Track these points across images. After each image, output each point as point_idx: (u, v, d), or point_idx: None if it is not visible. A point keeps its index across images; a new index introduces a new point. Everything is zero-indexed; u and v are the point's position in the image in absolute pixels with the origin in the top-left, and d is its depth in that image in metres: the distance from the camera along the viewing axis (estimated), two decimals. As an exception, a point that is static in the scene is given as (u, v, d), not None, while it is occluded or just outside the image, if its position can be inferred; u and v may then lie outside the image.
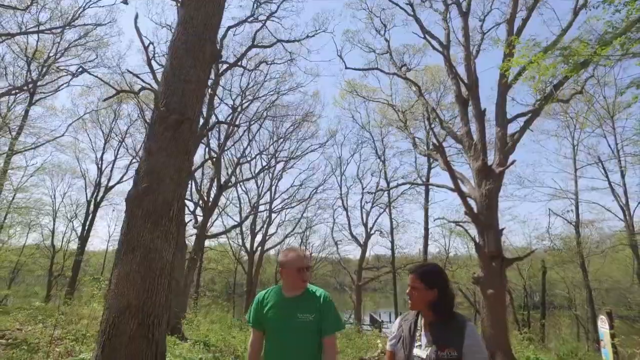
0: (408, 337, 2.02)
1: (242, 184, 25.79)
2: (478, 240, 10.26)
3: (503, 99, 11.05)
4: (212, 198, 18.31)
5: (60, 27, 18.59)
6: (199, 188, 18.73)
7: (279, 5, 14.36)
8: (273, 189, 27.18)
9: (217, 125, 16.99)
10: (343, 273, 30.49)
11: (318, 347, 2.17)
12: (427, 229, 25.72)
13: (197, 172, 19.43)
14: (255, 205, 26.12)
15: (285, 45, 15.34)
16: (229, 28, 13.84)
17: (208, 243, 26.62)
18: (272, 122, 24.22)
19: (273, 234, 28.84)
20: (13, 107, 20.87)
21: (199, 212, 18.58)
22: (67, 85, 21.57)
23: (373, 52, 16.41)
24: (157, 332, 3.61)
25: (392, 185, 25.85)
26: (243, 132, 21.57)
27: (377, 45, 23.94)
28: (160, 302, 3.71)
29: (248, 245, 27.04)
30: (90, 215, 26.07)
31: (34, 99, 20.65)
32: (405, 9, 13.17)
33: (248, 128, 21.55)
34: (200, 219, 16.62)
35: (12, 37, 17.97)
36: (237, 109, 18.45)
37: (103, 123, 26.45)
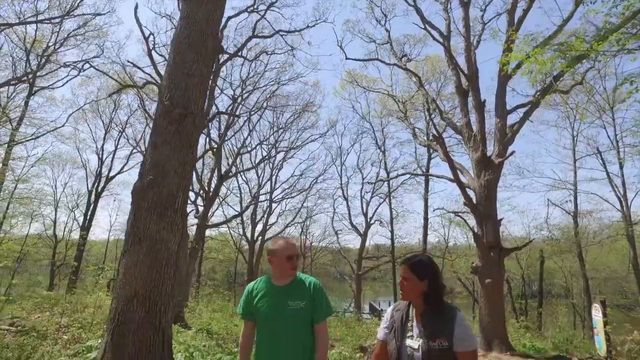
0: (400, 327, 2.05)
1: (242, 174, 25.90)
2: (477, 231, 10.38)
3: (503, 90, 11.09)
4: (212, 188, 18.43)
5: (59, 16, 18.47)
6: (200, 178, 18.80)
7: (280, -5, 14.31)
8: (273, 179, 27.34)
9: (217, 116, 17.02)
10: (343, 262, 30.75)
11: (306, 333, 2.21)
12: (426, 219, 25.90)
13: (198, 162, 19.48)
14: (256, 195, 26.25)
15: (286, 36, 15.29)
16: (229, 18, 13.81)
17: (209, 232, 26.81)
18: (272, 112, 24.25)
19: (274, 224, 29.05)
20: (13, 97, 20.85)
21: (200, 202, 18.71)
22: (73, 77, 21.52)
23: (373, 42, 16.38)
24: (163, 319, 3.75)
25: (392, 176, 25.94)
26: (243, 122, 21.61)
27: (377, 36, 23.89)
28: (167, 291, 3.84)
29: (249, 235, 27.23)
30: (92, 206, 26.23)
31: (34, 90, 20.60)
32: (407, -1, 13.11)
33: (248, 118, 21.58)
34: (201, 209, 16.74)
35: (10, 27, 17.87)
36: (237, 99, 18.46)
37: (103, 113, 26.48)
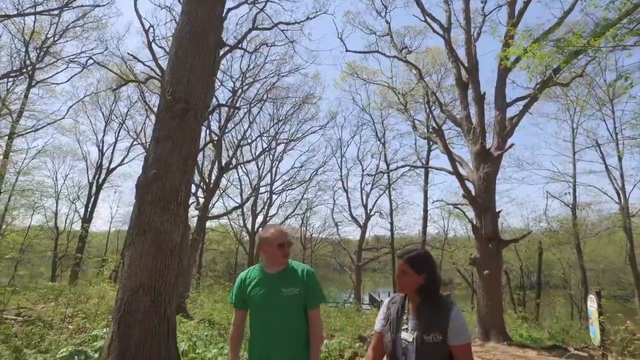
0: (395, 320, 2.07)
1: (242, 166, 25.95)
2: (475, 222, 10.47)
3: (503, 83, 11.10)
4: (213, 180, 18.50)
5: (58, 8, 18.36)
6: (201, 170, 18.85)
7: (280, -13, 14.23)
8: (274, 171, 27.41)
9: (217, 108, 17.02)
10: (343, 253, 30.95)
11: (300, 319, 2.24)
12: (426, 211, 26.03)
13: (198, 154, 19.50)
14: (256, 187, 26.33)
15: (287, 31, 15.24)
16: (229, 10, 13.74)
17: (209, 224, 26.95)
18: (272, 104, 24.22)
19: (274, 215, 29.18)
20: (12, 89, 20.82)
21: (200, 193, 18.78)
22: (77, 74, 21.48)
23: (374, 34, 16.35)
24: (168, 309, 3.85)
25: (391, 168, 26.00)
26: (244, 114, 21.59)
27: (377, 27, 23.78)
28: (171, 281, 3.94)
29: (249, 227, 27.37)
30: (93, 197, 26.33)
31: (35, 82, 20.57)
32: (407, -10, 13.07)
33: (248, 110, 21.56)
34: (202, 201, 16.83)
35: (8, 18, 17.78)
36: (237, 92, 18.44)
37: (103, 105, 26.48)
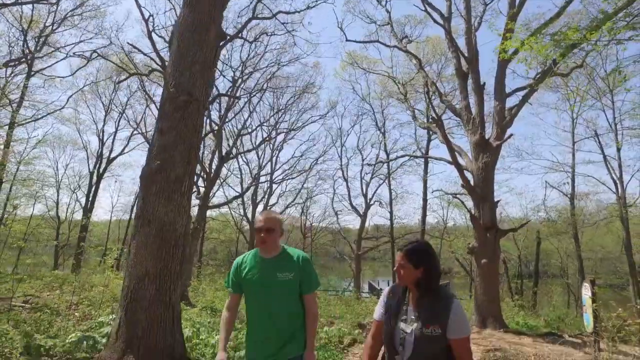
0: (395, 309, 2.06)
1: (243, 155, 26.01)
2: (474, 212, 10.59)
3: (502, 73, 11.12)
4: (213, 169, 18.59)
5: (56, -5, 18.24)
6: (201, 159, 18.94)
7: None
8: (274, 160, 27.49)
9: (218, 98, 17.03)
10: (343, 242, 31.17)
11: (295, 304, 2.29)
12: (425, 200, 26.17)
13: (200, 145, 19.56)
14: (257, 176, 26.43)
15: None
16: (229, -1, 13.68)
17: (210, 213, 27.06)
18: (272, 93, 24.20)
19: (274, 205, 29.31)
20: (11, 79, 20.76)
21: (201, 183, 18.88)
22: (82, 67, 21.39)
23: (374, 23, 16.27)
24: (173, 296, 3.97)
25: (391, 157, 26.07)
26: (244, 104, 21.59)
27: (378, 17, 23.54)
28: (175, 269, 4.06)
29: (249, 216, 27.52)
30: (94, 187, 26.43)
31: (35, 72, 20.52)
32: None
33: (249, 100, 21.56)
34: (203, 190, 16.93)
35: (5, 7, 17.67)
36: (237, 81, 18.43)
37: (103, 95, 26.42)
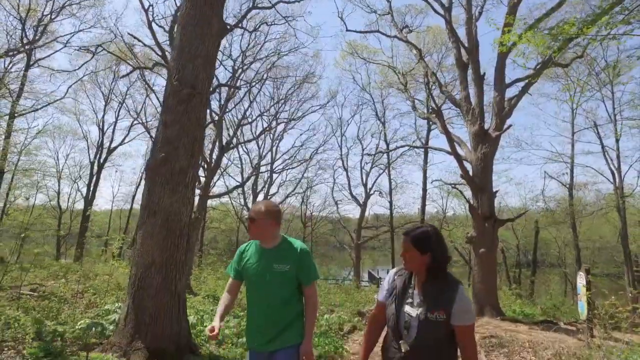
0: (400, 292, 2.04)
1: (243, 145, 26.03)
2: (472, 202, 10.70)
3: (502, 64, 11.13)
4: (214, 159, 18.66)
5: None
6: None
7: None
8: (274, 150, 27.52)
9: (218, 88, 17.03)
10: (343, 232, 31.36)
11: (292, 294, 2.34)
12: (425, 190, 26.32)
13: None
14: (257, 166, 26.49)
15: (287, 6, 15.08)
16: (229, -12, 13.61)
17: (210, 203, 27.19)
18: (272, 83, 24.15)
19: (274, 194, 29.44)
20: (10, 68, 20.70)
21: (201, 172, 18.96)
22: (87, 61, 21.31)
23: (374, 12, 16.15)
24: (179, 285, 4.10)
25: (391, 147, 26.12)
26: (244, 94, 21.58)
27: (378, 6, 23.47)
28: (181, 259, 4.18)
29: (250, 205, 27.65)
30: (94, 177, 26.52)
31: (36, 61, 20.46)
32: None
33: (249, 90, 21.53)
34: (203, 180, 17.02)
35: (3, -4, 17.55)
36: (237, 71, 18.40)
37: (102, 84, 26.34)
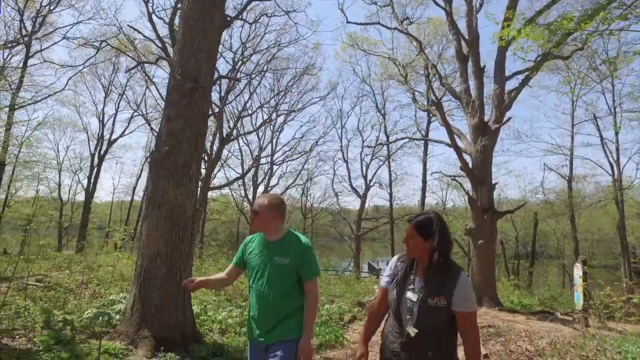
0: (402, 278, 2.05)
1: (243, 137, 26.08)
2: (472, 194, 10.79)
3: (503, 56, 11.14)
4: (214, 151, 18.75)
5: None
6: (202, 142, 19.03)
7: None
8: (274, 142, 27.56)
9: (218, 80, 17.05)
10: (343, 223, 31.52)
11: (293, 288, 2.36)
12: (425, 182, 26.45)
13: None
14: (257, 158, 26.55)
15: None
16: (229, -21, 13.57)
17: (210, 194, 27.30)
18: (272, 75, 24.13)
19: (275, 186, 29.53)
20: (9, 59, 20.65)
21: (202, 164, 19.04)
22: (93, 56, 21.18)
23: (375, 4, 16.06)
24: (184, 275, 4.20)
25: (391, 139, 26.17)
26: (244, 85, 21.60)
27: (379, -3, 23.19)
28: (185, 250, 4.28)
29: (250, 197, 27.77)
30: (95, 169, 26.59)
31: (31, 52, 20.37)
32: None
33: (249, 81, 21.54)
34: (204, 172, 17.11)
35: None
36: (237, 63, 18.39)
37: (102, 76, 26.29)
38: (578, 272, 6.74)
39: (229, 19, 13.92)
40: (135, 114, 26.08)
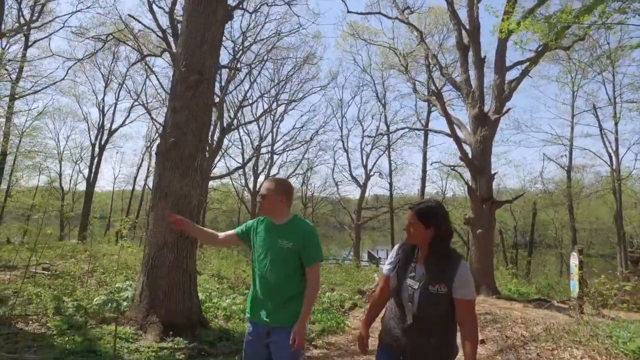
0: (403, 266, 2.07)
1: (244, 127, 26.10)
2: (471, 184, 10.90)
3: (503, 47, 11.15)
4: (215, 141, 18.79)
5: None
6: (203, 132, 19.06)
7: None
8: (275, 131, 27.59)
9: (219, 70, 17.01)
10: (343, 212, 31.71)
11: (295, 272, 2.38)
12: (424, 171, 26.57)
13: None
14: (258, 147, 26.61)
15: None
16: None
17: (211, 184, 27.39)
18: (273, 64, 24.07)
19: (275, 175, 29.60)
20: (7, 48, 20.56)
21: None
22: (99, 49, 21.09)
23: (376, -8, 16.02)
24: (190, 263, 4.33)
25: (392, 129, 26.23)
26: (244, 75, 21.55)
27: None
28: (191, 239, 4.39)
29: (251, 186, 27.88)
30: (96, 159, 26.65)
31: (30, 42, 20.32)
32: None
33: (249, 71, 21.50)
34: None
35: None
36: (238, 53, 18.35)
37: (102, 65, 26.20)
38: (574, 261, 6.87)
39: (231, 8, 13.88)
40: (136, 104, 26.09)
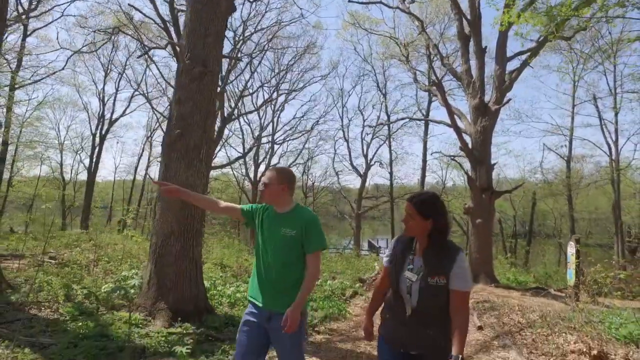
0: (401, 258, 2.08)
1: (244, 116, 26.07)
2: (471, 174, 10.99)
3: (504, 37, 11.16)
4: (216, 130, 18.80)
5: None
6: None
7: None
8: (275, 121, 27.56)
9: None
10: (343, 202, 31.82)
11: (298, 259, 2.40)
12: (425, 161, 26.63)
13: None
14: (258, 137, 26.63)
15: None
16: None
17: (212, 173, 27.46)
18: (273, 54, 23.99)
19: (276, 165, 29.67)
20: (6, 38, 20.45)
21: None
22: (104, 43, 20.99)
23: (377, -18, 15.89)
24: (196, 252, 4.44)
25: (392, 119, 26.24)
26: (245, 65, 21.49)
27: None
28: (197, 228, 4.50)
29: (251, 176, 27.96)
30: (97, 149, 26.68)
31: (28, 31, 20.21)
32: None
33: (250, 61, 21.44)
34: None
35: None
36: (238, 42, 18.29)
37: (101, 55, 26.07)
38: (571, 250, 7.00)
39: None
40: (136, 93, 26.04)
